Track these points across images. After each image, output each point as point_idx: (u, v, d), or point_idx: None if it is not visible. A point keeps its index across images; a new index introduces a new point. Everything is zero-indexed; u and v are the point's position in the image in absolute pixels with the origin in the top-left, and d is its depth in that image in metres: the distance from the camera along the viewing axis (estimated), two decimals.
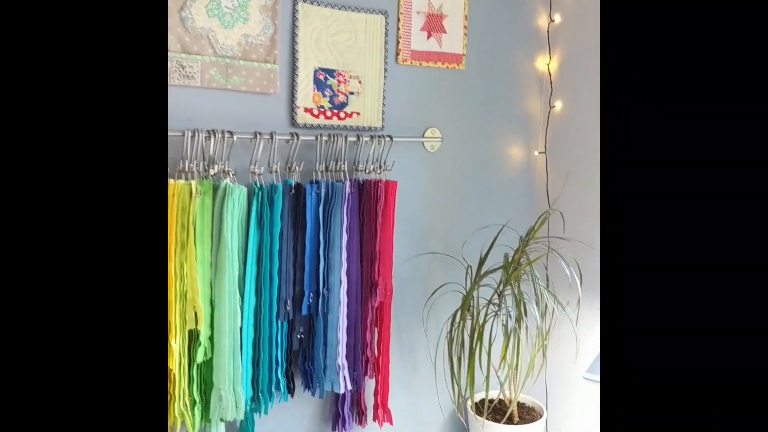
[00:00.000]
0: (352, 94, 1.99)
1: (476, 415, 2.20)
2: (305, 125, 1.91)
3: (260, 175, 1.76)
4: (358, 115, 2.01)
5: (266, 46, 1.80)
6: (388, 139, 1.98)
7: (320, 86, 1.92)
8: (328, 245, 1.87)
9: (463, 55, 2.23)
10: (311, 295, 1.87)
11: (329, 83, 1.94)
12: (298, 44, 1.86)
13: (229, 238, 1.64)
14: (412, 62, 2.12)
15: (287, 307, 1.82)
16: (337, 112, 1.96)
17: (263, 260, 1.74)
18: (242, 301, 1.71)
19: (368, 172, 1.99)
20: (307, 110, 1.91)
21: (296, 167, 1.84)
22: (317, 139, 1.85)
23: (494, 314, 2.14)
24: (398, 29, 2.07)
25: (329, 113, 1.95)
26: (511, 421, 2.21)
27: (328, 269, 1.88)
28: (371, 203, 1.95)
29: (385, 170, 2.01)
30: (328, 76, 1.93)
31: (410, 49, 2.10)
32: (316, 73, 1.91)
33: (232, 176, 1.69)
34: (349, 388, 1.93)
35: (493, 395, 2.36)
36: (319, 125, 1.94)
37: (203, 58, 1.70)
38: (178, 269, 1.60)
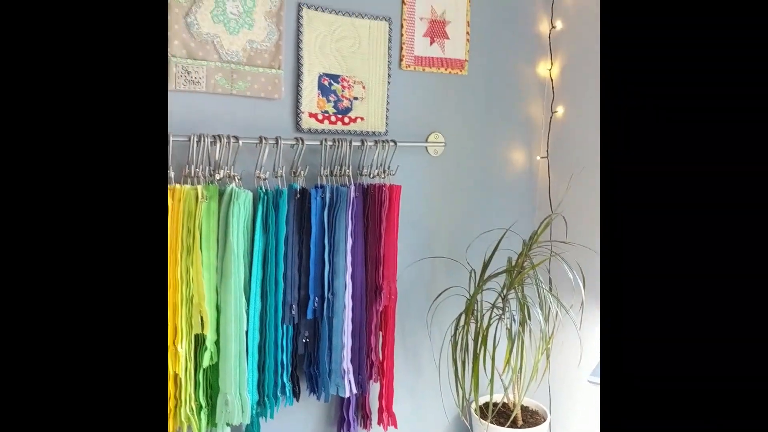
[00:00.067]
0: (356, 99, 1.97)
1: (480, 418, 2.17)
2: (310, 130, 1.89)
3: (265, 179, 1.73)
4: (362, 120, 1.99)
5: (271, 51, 1.78)
6: (392, 143, 1.96)
7: (324, 91, 1.90)
8: (332, 249, 1.85)
9: (465, 60, 2.22)
10: (316, 299, 1.84)
11: (333, 89, 1.92)
12: (302, 50, 1.84)
13: (234, 242, 1.62)
14: (415, 68, 2.10)
15: (292, 311, 1.79)
16: (341, 117, 1.94)
17: (269, 264, 1.72)
18: (248, 305, 1.68)
19: (372, 176, 1.97)
20: (311, 115, 1.88)
21: (301, 172, 1.81)
22: (322, 143, 1.82)
23: (498, 318, 2.12)
24: (401, 35, 2.05)
25: (333, 118, 1.93)
26: (515, 424, 2.18)
27: (333, 273, 1.86)
28: (376, 208, 1.93)
29: (389, 175, 1.99)
30: (332, 81, 1.91)
31: (413, 54, 2.08)
32: (320, 78, 1.89)
33: (237, 181, 1.67)
34: (354, 391, 1.90)
35: (496, 399, 2.33)
36: (323, 130, 1.92)
37: (208, 63, 1.68)
38: (184, 274, 1.57)
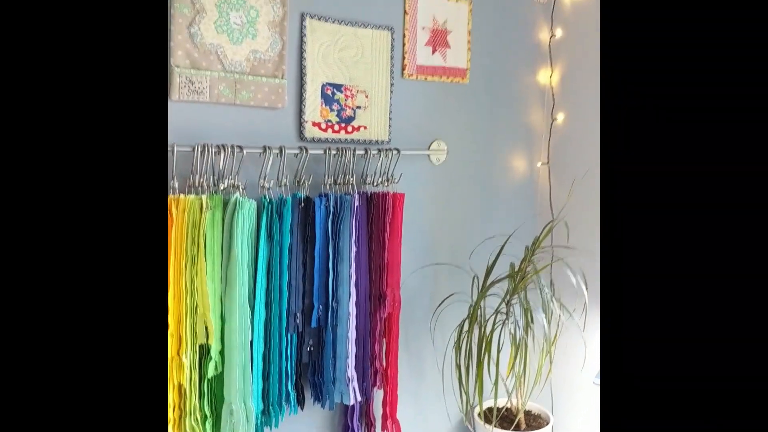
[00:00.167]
0: (359, 108, 1.93)
1: (485, 423, 2.12)
2: (313, 139, 1.85)
3: (269, 189, 1.69)
4: (365, 128, 1.95)
5: (274, 61, 1.74)
6: (395, 152, 1.92)
7: (328, 101, 1.86)
8: (337, 258, 1.80)
9: (467, 69, 2.18)
10: (320, 307, 1.80)
11: (336, 98, 1.88)
12: (305, 59, 1.81)
13: (239, 252, 1.57)
14: (417, 77, 2.06)
15: (297, 320, 1.75)
16: (344, 126, 1.90)
17: (273, 273, 1.68)
18: (252, 314, 1.64)
19: (376, 184, 1.93)
20: (315, 124, 1.84)
21: (305, 181, 1.77)
22: (326, 152, 1.78)
23: (502, 323, 2.07)
24: (404, 44, 2.01)
25: (337, 127, 1.89)
26: (518, 428, 2.14)
27: (337, 281, 1.81)
28: (379, 215, 1.89)
29: (392, 183, 1.95)
30: (335, 90, 1.87)
31: (416, 63, 2.05)
32: (323, 87, 1.85)
33: (241, 190, 1.63)
34: (358, 399, 1.86)
35: (499, 403, 2.29)
36: (326, 139, 1.87)
37: (212, 73, 1.64)
38: (188, 284, 1.53)
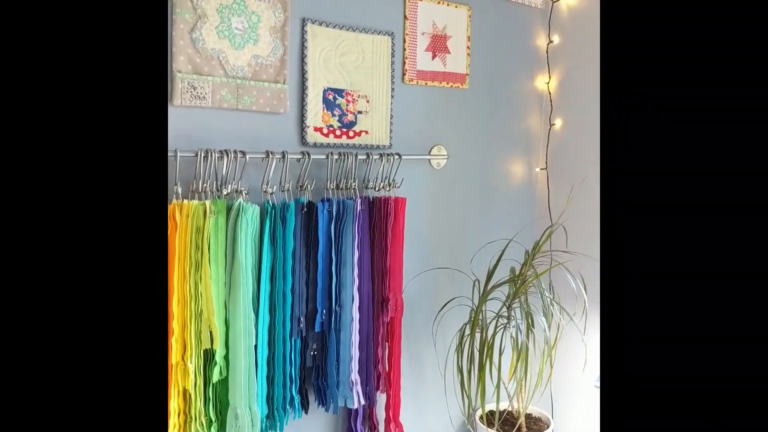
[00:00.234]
0: (360, 113, 1.91)
1: (487, 426, 2.10)
2: (315, 144, 1.83)
3: (272, 194, 1.67)
4: (366, 133, 1.93)
5: (276, 66, 1.72)
6: (396, 156, 1.89)
7: (329, 106, 1.84)
8: (339, 262, 1.78)
9: (466, 74, 2.16)
10: (324, 312, 1.77)
11: (338, 103, 1.85)
12: (307, 65, 1.79)
13: (243, 256, 1.55)
14: (417, 82, 2.04)
15: (300, 324, 1.72)
16: (346, 131, 1.88)
17: (277, 278, 1.65)
18: (256, 319, 1.61)
19: (378, 189, 1.90)
20: (316, 129, 1.82)
21: (308, 186, 1.75)
22: (328, 157, 1.76)
23: (503, 327, 2.05)
24: (404, 50, 2.00)
25: (338, 132, 1.87)
26: (519, 431, 2.11)
27: (340, 286, 1.79)
28: (381, 220, 1.87)
29: (394, 187, 1.92)
30: (336, 95, 1.85)
31: (416, 69, 2.03)
32: (325, 92, 1.83)
33: (244, 195, 1.60)
34: (362, 402, 1.83)
35: (501, 406, 2.26)
36: (328, 144, 1.85)
37: (214, 78, 1.62)
38: (193, 289, 1.50)
